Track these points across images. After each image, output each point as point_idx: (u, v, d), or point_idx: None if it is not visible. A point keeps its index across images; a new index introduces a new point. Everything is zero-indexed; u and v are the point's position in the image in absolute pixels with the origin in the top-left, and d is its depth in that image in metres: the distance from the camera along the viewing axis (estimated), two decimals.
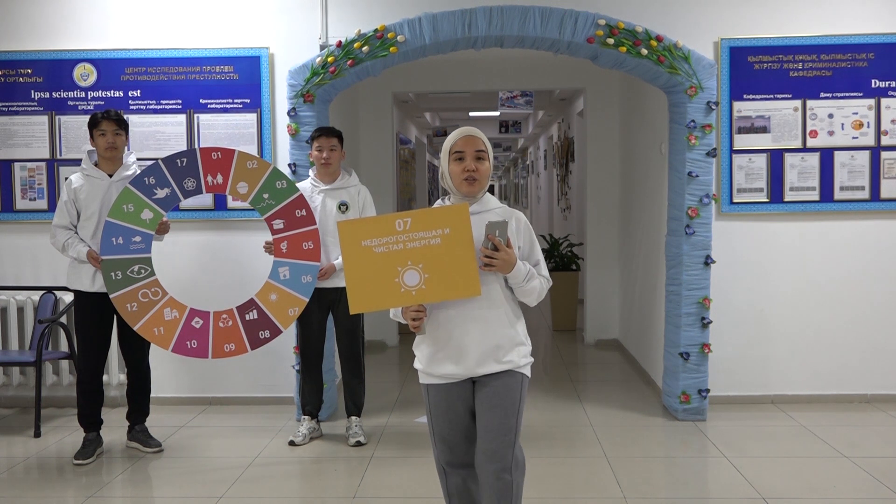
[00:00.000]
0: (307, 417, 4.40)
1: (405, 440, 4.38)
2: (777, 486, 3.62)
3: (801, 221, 4.83)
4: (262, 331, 3.96)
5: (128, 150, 4.23)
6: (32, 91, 4.95)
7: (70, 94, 4.94)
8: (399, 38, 4.53)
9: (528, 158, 19.02)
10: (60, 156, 4.97)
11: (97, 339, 4.13)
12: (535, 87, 8.19)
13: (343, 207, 4.28)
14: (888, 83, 4.76)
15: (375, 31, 4.55)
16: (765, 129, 4.78)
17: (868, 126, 4.78)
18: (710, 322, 4.63)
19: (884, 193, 4.79)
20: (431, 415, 2.60)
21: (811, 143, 4.79)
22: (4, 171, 4.99)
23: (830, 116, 4.77)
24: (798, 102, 4.77)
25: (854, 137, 4.78)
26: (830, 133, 4.78)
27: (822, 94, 4.76)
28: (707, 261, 4.61)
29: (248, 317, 3.96)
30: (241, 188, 3.99)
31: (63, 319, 4.78)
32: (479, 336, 2.47)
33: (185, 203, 4.77)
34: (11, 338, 4.99)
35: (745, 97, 4.76)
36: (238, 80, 4.87)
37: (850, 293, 4.85)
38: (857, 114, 4.77)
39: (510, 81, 7.49)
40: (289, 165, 4.71)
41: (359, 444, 4.27)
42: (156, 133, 4.92)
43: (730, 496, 3.55)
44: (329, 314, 4.38)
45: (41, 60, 4.93)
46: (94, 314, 4.09)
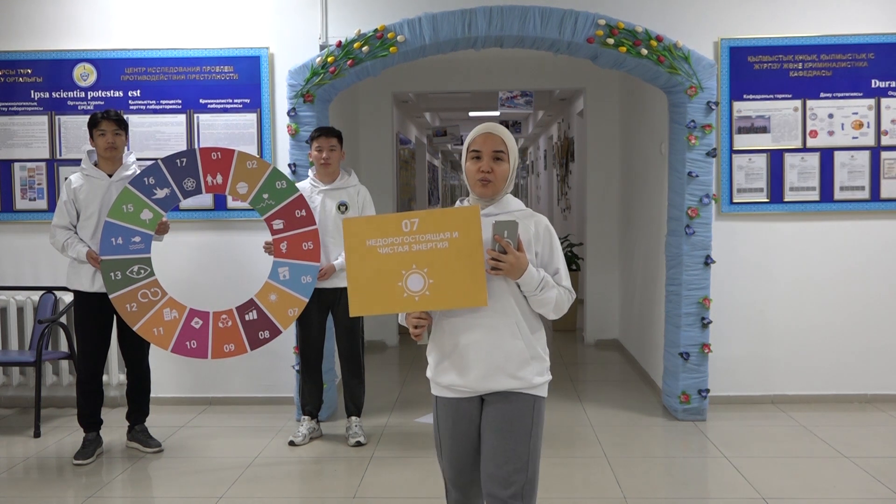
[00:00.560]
0: (307, 417, 4.40)
1: (405, 440, 4.38)
2: (777, 486, 3.61)
3: (801, 221, 4.83)
4: (262, 331, 3.96)
5: (127, 151, 4.23)
6: (32, 91, 4.95)
7: (70, 94, 4.94)
8: (399, 39, 4.53)
9: (528, 158, 19.02)
10: (60, 156, 4.97)
11: (97, 340, 4.13)
12: (535, 87, 8.20)
13: (342, 207, 4.27)
14: (888, 83, 4.75)
15: (375, 31, 4.55)
16: (765, 129, 4.78)
17: (868, 126, 4.77)
18: (710, 322, 4.63)
19: (884, 193, 4.79)
20: (438, 428, 2.43)
21: (811, 143, 4.79)
22: (4, 171, 4.98)
23: (830, 116, 4.77)
24: (798, 102, 4.77)
25: (854, 137, 4.78)
26: (830, 133, 4.78)
27: (822, 94, 4.76)
28: (707, 261, 4.61)
29: (248, 317, 3.96)
30: (241, 188, 3.99)
31: (63, 319, 4.78)
32: (486, 347, 2.28)
33: (185, 203, 4.77)
34: (11, 338, 4.99)
35: (745, 97, 4.76)
36: (238, 80, 4.87)
37: (851, 293, 4.85)
38: (857, 114, 4.77)
39: (510, 81, 7.49)
40: (289, 165, 4.71)
41: (359, 445, 4.27)
42: (156, 133, 4.92)
43: (730, 496, 3.55)
44: (329, 314, 4.38)
45: (41, 60, 4.93)
46: (94, 314, 4.09)
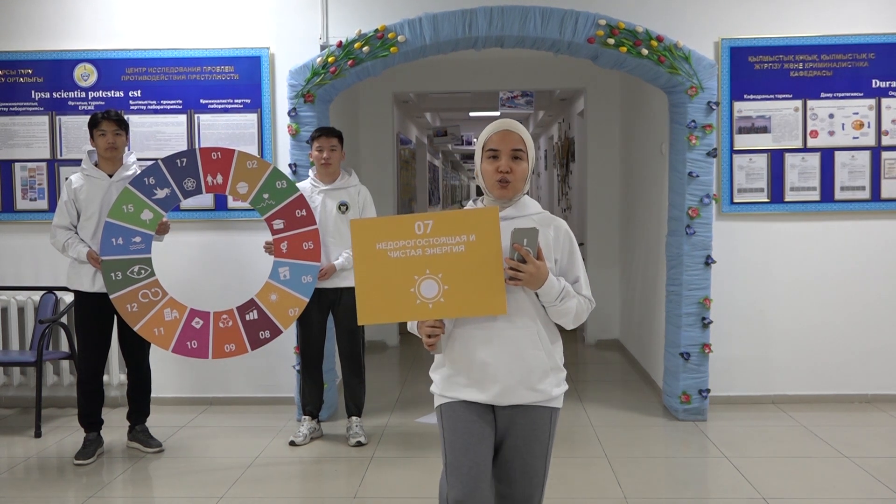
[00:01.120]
0: (307, 417, 4.40)
1: (406, 440, 4.38)
2: (778, 487, 3.61)
3: (802, 221, 4.83)
4: (263, 331, 3.96)
5: (128, 151, 4.23)
6: (33, 91, 4.95)
7: (70, 95, 4.94)
8: (399, 39, 4.53)
9: None
10: (61, 156, 4.97)
11: (97, 340, 4.13)
12: (536, 88, 8.19)
13: (343, 208, 4.27)
14: (889, 83, 4.75)
15: (376, 32, 4.55)
16: (765, 129, 4.78)
17: (869, 126, 4.77)
18: (711, 322, 4.62)
19: (884, 193, 4.79)
20: (446, 440, 2.20)
21: (812, 143, 4.79)
22: (5, 172, 4.99)
23: (831, 116, 4.77)
24: (798, 102, 4.77)
25: (855, 137, 4.78)
26: (831, 133, 4.78)
27: (823, 94, 4.76)
28: (707, 261, 4.61)
29: (249, 317, 3.96)
30: (241, 188, 3.99)
31: (63, 320, 4.78)
32: (507, 360, 2.14)
33: (185, 203, 4.77)
34: (12, 338, 4.99)
35: (746, 97, 4.76)
36: (238, 81, 4.87)
37: (851, 293, 4.85)
38: (858, 114, 4.77)
39: (510, 81, 7.49)
40: (289, 165, 4.71)
41: (359, 445, 4.27)
42: (156, 133, 4.92)
43: (730, 496, 3.54)
44: (329, 314, 4.38)
45: (42, 61, 4.93)
46: (95, 314, 4.09)
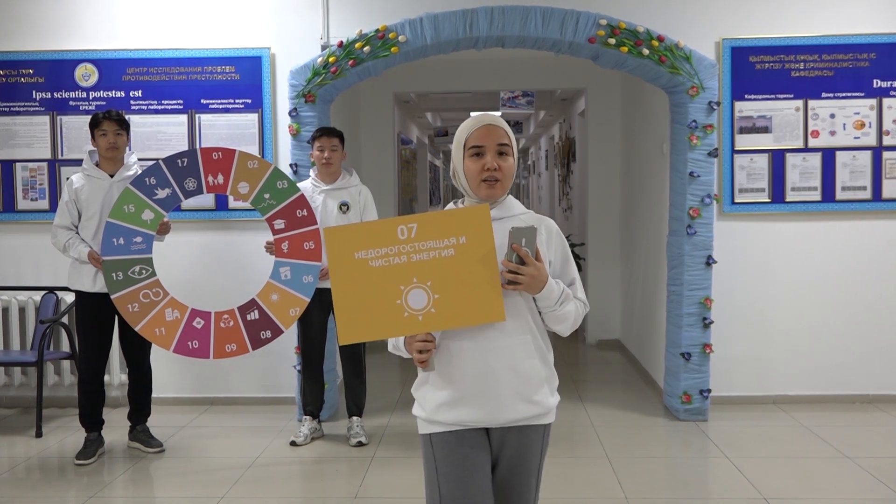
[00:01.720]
0: (308, 417, 4.40)
1: (407, 440, 4.38)
2: (778, 487, 3.61)
3: (803, 221, 4.83)
4: (264, 331, 3.96)
5: (129, 151, 4.23)
6: (34, 91, 4.95)
7: (71, 95, 4.94)
8: (400, 39, 4.53)
9: (530, 158, 19.02)
10: (62, 156, 4.97)
11: (98, 340, 4.13)
12: (537, 88, 8.19)
13: (344, 208, 4.27)
14: (890, 83, 4.75)
15: (377, 32, 4.55)
16: (766, 129, 4.77)
17: (870, 126, 4.77)
18: (712, 322, 4.62)
19: (885, 194, 4.78)
20: (438, 473, 2.00)
21: (813, 143, 4.78)
22: (6, 172, 4.99)
23: (832, 116, 4.77)
24: (800, 102, 4.76)
25: (856, 137, 4.77)
26: (832, 133, 4.77)
27: (824, 94, 4.76)
28: (708, 261, 4.61)
29: (250, 317, 3.95)
30: (242, 188, 3.99)
31: (64, 320, 4.78)
32: (507, 373, 1.96)
33: (186, 203, 4.77)
34: (13, 338, 4.99)
35: (747, 97, 4.76)
36: (239, 81, 4.87)
37: (852, 293, 4.85)
38: (859, 114, 4.77)
39: (511, 81, 7.49)
40: (290, 165, 4.71)
41: (360, 445, 4.27)
42: (157, 133, 4.92)
43: (731, 496, 3.54)
44: (330, 314, 4.38)
45: (42, 61, 4.93)
46: (96, 314, 4.09)
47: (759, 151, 4.78)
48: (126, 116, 4.28)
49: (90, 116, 4.13)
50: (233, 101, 4.88)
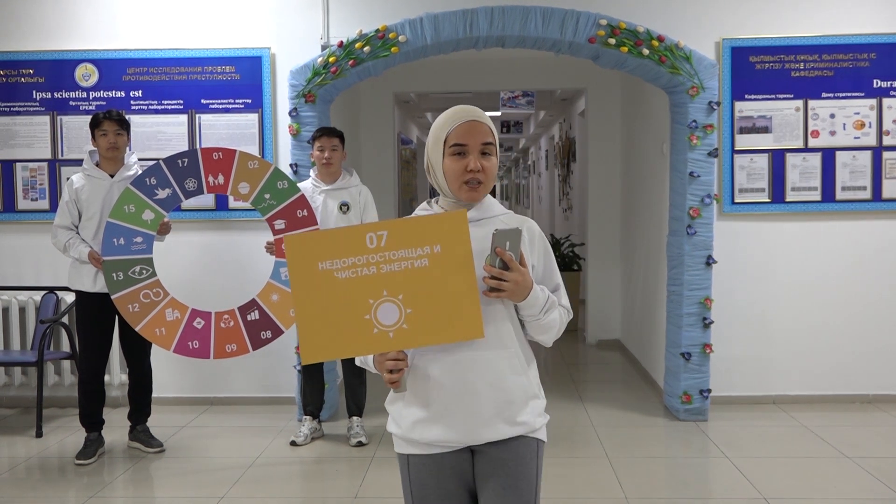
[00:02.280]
0: (308, 417, 4.40)
1: None
2: (779, 486, 3.61)
3: (803, 221, 4.83)
4: (264, 331, 3.96)
5: (129, 151, 4.23)
6: (34, 91, 4.95)
7: (72, 95, 4.94)
8: (400, 39, 4.53)
9: (530, 158, 19.04)
10: (62, 156, 4.97)
11: (98, 340, 4.13)
12: (537, 88, 8.20)
13: (344, 208, 4.28)
14: (890, 83, 4.75)
15: (377, 32, 4.55)
16: (766, 129, 4.77)
17: (870, 126, 4.77)
18: (712, 322, 4.62)
19: (885, 194, 4.79)
20: (413, 496, 1.86)
21: (813, 143, 4.78)
22: (6, 172, 4.99)
23: (832, 116, 4.77)
24: (800, 102, 4.77)
25: (856, 137, 4.77)
26: (832, 133, 4.77)
27: (824, 94, 4.76)
28: (708, 261, 4.61)
29: (250, 317, 3.96)
30: (243, 188, 3.99)
31: (65, 320, 4.79)
32: (485, 390, 1.80)
33: (187, 203, 4.76)
34: (13, 338, 4.99)
35: (747, 97, 4.76)
36: (239, 81, 4.87)
37: (852, 293, 4.85)
38: (859, 114, 4.77)
39: (511, 81, 7.49)
40: (290, 166, 4.71)
41: (360, 445, 4.27)
42: (157, 133, 4.92)
43: (731, 496, 3.54)
44: None
45: (43, 61, 4.93)
46: (96, 314, 4.09)
47: (759, 151, 4.78)
48: (126, 116, 4.28)
49: (90, 116, 4.13)
50: (233, 101, 4.88)
